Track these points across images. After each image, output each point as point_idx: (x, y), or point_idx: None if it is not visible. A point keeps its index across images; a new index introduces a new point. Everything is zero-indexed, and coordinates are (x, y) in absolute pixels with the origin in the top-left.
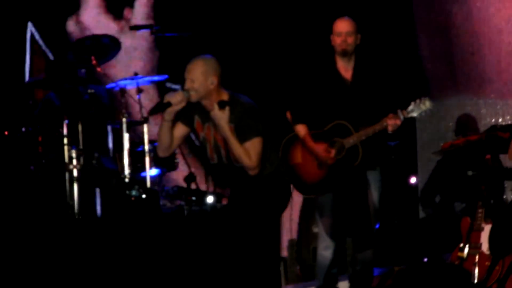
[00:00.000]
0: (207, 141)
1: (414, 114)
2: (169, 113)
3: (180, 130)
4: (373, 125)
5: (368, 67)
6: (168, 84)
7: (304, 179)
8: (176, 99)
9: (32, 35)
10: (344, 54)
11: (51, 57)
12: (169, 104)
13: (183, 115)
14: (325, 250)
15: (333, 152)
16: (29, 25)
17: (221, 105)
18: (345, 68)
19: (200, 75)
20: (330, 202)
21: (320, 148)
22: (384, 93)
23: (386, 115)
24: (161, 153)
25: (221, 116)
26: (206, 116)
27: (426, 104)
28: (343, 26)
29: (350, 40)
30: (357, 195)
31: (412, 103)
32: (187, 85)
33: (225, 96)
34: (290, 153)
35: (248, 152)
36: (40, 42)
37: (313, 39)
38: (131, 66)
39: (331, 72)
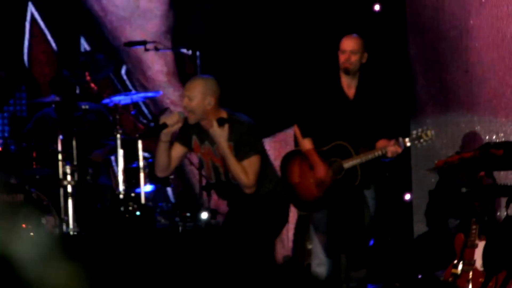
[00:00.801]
0: (204, 162)
1: (415, 143)
2: (166, 134)
3: (178, 150)
4: (374, 150)
5: (371, 86)
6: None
7: (301, 196)
8: (172, 120)
9: (32, 16)
10: (347, 72)
11: (54, 45)
12: (164, 126)
13: (181, 135)
14: (319, 267)
15: (331, 176)
16: (30, 4)
17: (220, 122)
18: (348, 86)
19: (198, 94)
20: (325, 219)
21: (319, 169)
22: (385, 112)
23: (386, 135)
24: (160, 173)
25: (220, 134)
26: (204, 136)
27: (428, 134)
28: (348, 44)
29: (354, 58)
30: (353, 212)
31: (414, 132)
32: (185, 103)
33: (223, 115)
34: (288, 169)
35: (246, 171)
36: (42, 25)
37: (321, 54)
38: (146, 28)
39: (334, 88)
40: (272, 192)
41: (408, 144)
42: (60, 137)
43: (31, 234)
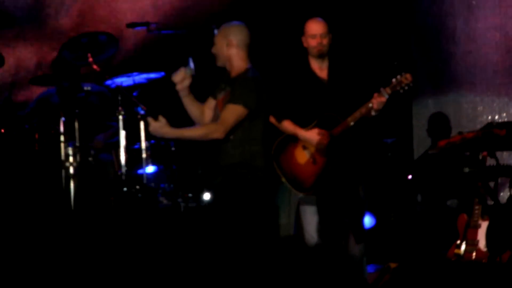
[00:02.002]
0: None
1: (397, 89)
2: (180, 90)
3: (211, 102)
4: (359, 109)
5: (342, 65)
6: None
7: (301, 178)
8: (177, 78)
9: None
10: (321, 55)
11: None
12: (174, 84)
13: (214, 86)
14: (315, 248)
15: (326, 133)
16: None
17: (154, 117)
18: (320, 69)
19: (220, 40)
20: (314, 200)
21: (313, 134)
22: (361, 88)
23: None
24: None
25: (159, 126)
26: (226, 81)
27: (408, 78)
28: (317, 28)
29: (325, 41)
30: (349, 188)
31: (394, 79)
32: (212, 49)
33: (243, 66)
34: (283, 157)
35: (207, 124)
36: None
37: (284, 41)
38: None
39: (306, 74)
40: (247, 165)
41: (390, 91)
42: (62, 118)
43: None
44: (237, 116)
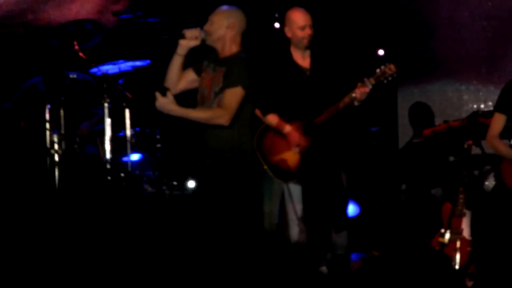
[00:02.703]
0: (200, 87)
1: (381, 80)
2: (182, 46)
3: (189, 74)
4: (342, 99)
5: (324, 54)
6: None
7: (282, 165)
8: (191, 34)
9: None
10: (308, 46)
11: None
12: (182, 36)
13: (199, 62)
14: (300, 234)
15: (306, 138)
16: None
17: (162, 92)
18: (302, 59)
19: (218, 19)
20: (299, 188)
21: (294, 136)
22: (344, 78)
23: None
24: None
25: (166, 102)
26: (213, 60)
27: (392, 68)
28: (306, 19)
29: (312, 31)
30: (331, 177)
31: (378, 70)
32: (206, 25)
33: (234, 49)
34: (265, 145)
35: (215, 107)
36: None
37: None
38: None
39: (289, 64)
40: (236, 149)
41: (374, 81)
42: (48, 106)
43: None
44: (238, 99)
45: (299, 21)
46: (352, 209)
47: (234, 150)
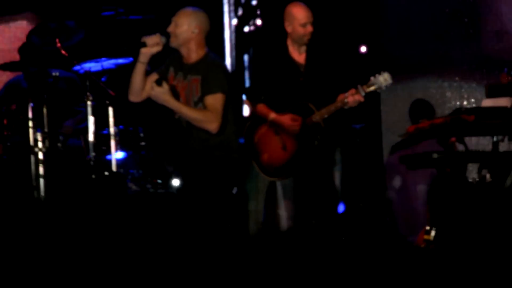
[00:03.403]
0: (175, 94)
1: (374, 88)
2: (144, 54)
3: (153, 79)
4: (334, 102)
5: (320, 51)
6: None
7: (269, 162)
8: (152, 41)
9: None
10: (307, 43)
11: None
12: (143, 44)
13: (162, 66)
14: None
15: (299, 119)
16: None
17: (158, 82)
18: (298, 54)
19: (185, 21)
20: (291, 185)
21: (286, 118)
22: (338, 75)
23: (344, 90)
24: (131, 97)
25: (161, 91)
26: (179, 68)
27: (386, 78)
28: (307, 15)
29: (312, 29)
30: (320, 177)
31: (372, 78)
32: (171, 27)
33: (201, 52)
34: (254, 137)
35: (206, 110)
36: None
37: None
38: None
39: (284, 58)
40: (224, 147)
41: (367, 90)
42: (31, 104)
43: None
44: (222, 104)
45: (301, 18)
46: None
47: (221, 148)
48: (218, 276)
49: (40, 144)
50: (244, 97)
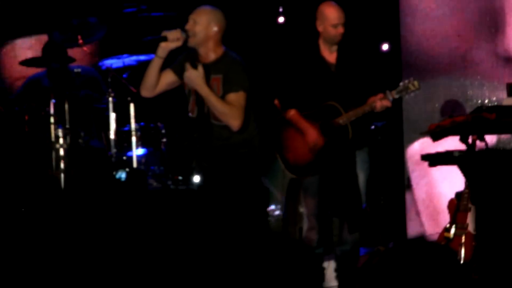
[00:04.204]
0: (192, 94)
1: (403, 95)
2: (163, 48)
3: (168, 76)
4: (363, 106)
5: (351, 51)
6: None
7: (293, 160)
8: (173, 36)
9: None
10: (338, 43)
11: None
12: (164, 39)
13: (176, 63)
14: (310, 231)
15: (322, 139)
16: None
17: (193, 64)
18: (329, 53)
19: (205, 20)
20: (316, 183)
21: (313, 134)
22: (368, 76)
23: (374, 93)
24: (144, 92)
25: (196, 74)
26: (195, 66)
27: (415, 85)
28: (339, 16)
29: (343, 30)
30: (345, 176)
31: (401, 84)
32: (189, 25)
33: (220, 51)
34: (281, 134)
35: (232, 105)
36: None
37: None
38: None
39: (315, 57)
40: (247, 144)
41: (396, 96)
42: (53, 100)
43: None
44: (244, 103)
45: (332, 18)
46: None
47: (244, 146)
48: (238, 273)
49: (61, 141)
50: (273, 99)
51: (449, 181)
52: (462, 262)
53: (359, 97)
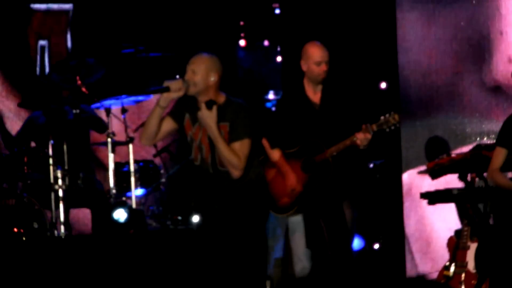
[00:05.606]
0: (193, 141)
1: (384, 128)
2: (165, 99)
3: (168, 124)
4: (344, 141)
5: (335, 90)
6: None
7: (277, 199)
8: (176, 86)
9: None
10: (322, 82)
11: None
12: (167, 89)
13: (175, 110)
14: (303, 270)
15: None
16: None
17: (209, 105)
18: (313, 92)
19: (203, 69)
20: (302, 222)
21: (292, 178)
22: (352, 115)
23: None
24: (144, 141)
25: (209, 115)
26: (196, 116)
27: (395, 118)
28: (322, 55)
29: (327, 67)
30: (329, 213)
31: (382, 117)
32: (188, 75)
33: (221, 98)
34: (265, 172)
35: (236, 153)
36: None
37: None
38: None
39: (300, 97)
40: (254, 181)
41: (376, 129)
42: (51, 141)
43: (23, 238)
44: (248, 150)
45: (315, 56)
46: (356, 243)
47: (246, 189)
48: None
49: (60, 182)
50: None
51: (440, 211)
52: None
53: (343, 134)
